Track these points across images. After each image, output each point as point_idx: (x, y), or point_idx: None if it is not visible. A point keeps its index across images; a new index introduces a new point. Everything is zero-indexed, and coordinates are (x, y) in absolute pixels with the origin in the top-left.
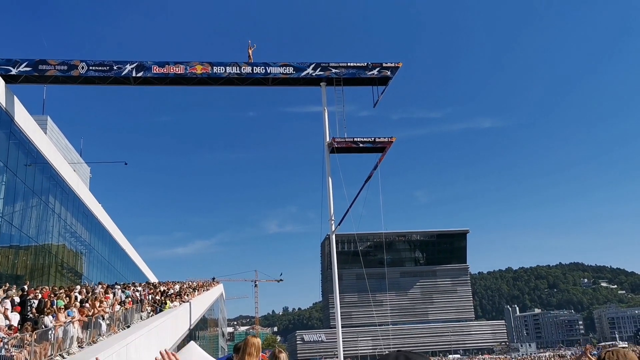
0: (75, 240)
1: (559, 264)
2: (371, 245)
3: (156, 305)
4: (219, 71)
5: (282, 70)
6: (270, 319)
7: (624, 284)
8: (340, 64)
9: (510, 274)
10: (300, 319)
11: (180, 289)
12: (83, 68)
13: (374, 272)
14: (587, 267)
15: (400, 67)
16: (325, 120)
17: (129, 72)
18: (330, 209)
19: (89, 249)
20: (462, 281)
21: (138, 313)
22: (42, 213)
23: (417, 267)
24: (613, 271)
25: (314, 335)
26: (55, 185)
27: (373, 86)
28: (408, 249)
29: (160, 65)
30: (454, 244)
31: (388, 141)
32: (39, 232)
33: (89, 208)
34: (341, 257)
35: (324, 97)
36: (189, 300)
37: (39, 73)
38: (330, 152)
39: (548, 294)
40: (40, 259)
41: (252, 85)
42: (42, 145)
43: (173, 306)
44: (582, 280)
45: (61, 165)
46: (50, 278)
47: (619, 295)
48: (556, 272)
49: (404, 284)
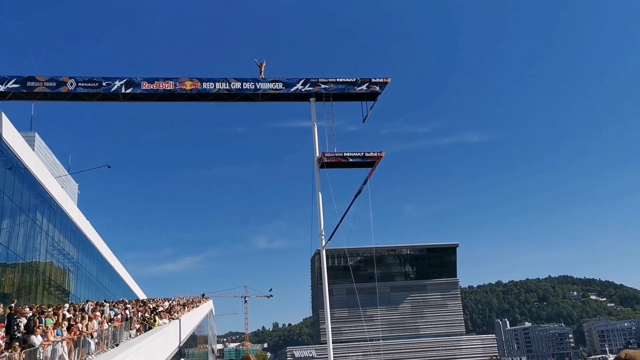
0: (63, 258)
1: (549, 277)
2: (361, 260)
3: (145, 323)
4: (209, 87)
5: (271, 86)
6: (260, 335)
7: (613, 296)
8: (329, 79)
9: (500, 288)
10: (290, 335)
11: (170, 306)
12: (72, 84)
13: (365, 287)
14: (576, 280)
15: (389, 82)
16: (315, 135)
17: (118, 89)
18: (320, 224)
19: (76, 266)
20: (453, 295)
21: (127, 331)
22: (30, 230)
23: (407, 281)
24: (602, 284)
25: (304, 351)
26: (43, 202)
27: (362, 101)
28: (398, 263)
29: (149, 82)
30: (443, 258)
31: (377, 156)
32: (26, 250)
33: (76, 225)
34: (331, 272)
35: (314, 112)
36: (179, 317)
37: (27, 90)
38: (320, 167)
39: (538, 307)
40: (28, 277)
41: (241, 100)
42: (29, 162)
43: (162, 323)
44: (571, 293)
45: (49, 181)
46: (38, 296)
47: (608, 308)
48: (546, 285)
49: (395, 298)
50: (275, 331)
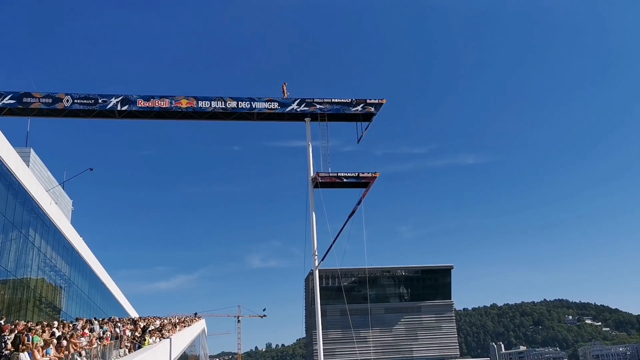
0: (55, 274)
1: (544, 301)
2: (355, 281)
3: (135, 342)
4: (204, 105)
5: (267, 105)
6: (253, 355)
7: (608, 320)
8: (324, 99)
9: (495, 311)
10: (283, 356)
11: (161, 325)
12: (68, 101)
13: (358, 308)
14: (571, 303)
15: (384, 103)
16: (310, 155)
17: (114, 106)
18: (313, 243)
19: (68, 283)
20: (447, 317)
21: (117, 350)
22: (22, 246)
23: (401, 302)
24: (597, 308)
25: None
26: (36, 218)
27: (357, 122)
28: (392, 284)
29: (145, 99)
30: (438, 279)
31: (372, 176)
32: (17, 266)
33: (69, 241)
34: (325, 292)
35: (309, 132)
36: (169, 337)
37: (23, 106)
38: (314, 186)
39: (533, 331)
40: (19, 293)
41: (237, 119)
42: (23, 178)
43: (152, 342)
44: (566, 317)
45: (42, 197)
46: (28, 313)
47: (603, 333)
48: (541, 308)
49: (389, 320)
50: (268, 352)
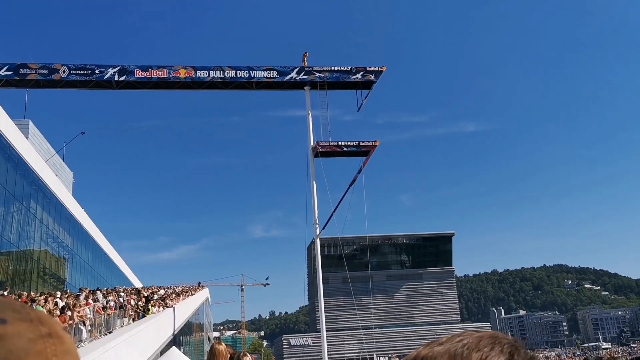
0: (58, 246)
1: (543, 266)
2: (357, 249)
3: (139, 311)
4: (203, 75)
5: (266, 74)
6: (257, 323)
7: (607, 285)
8: (324, 67)
9: (496, 277)
10: (287, 323)
11: (165, 294)
12: (64, 72)
13: (360, 276)
14: (570, 268)
15: (384, 71)
16: (310, 124)
17: (111, 76)
18: (314, 212)
19: (71, 255)
20: (448, 284)
21: (120, 319)
22: (24, 218)
23: (403, 270)
24: (596, 273)
25: (300, 339)
26: (37, 190)
27: (357, 90)
28: (394, 252)
29: (143, 70)
30: (439, 247)
31: (372, 145)
32: (20, 238)
33: (71, 213)
34: (327, 260)
35: (308, 101)
36: (173, 306)
37: (19, 77)
38: (314, 156)
39: (533, 296)
40: (22, 265)
41: (235, 89)
42: (23, 150)
43: (156, 312)
44: (566, 282)
45: (43, 170)
46: (32, 284)
47: (602, 297)
48: (540, 274)
49: (390, 287)
50: (271, 319)
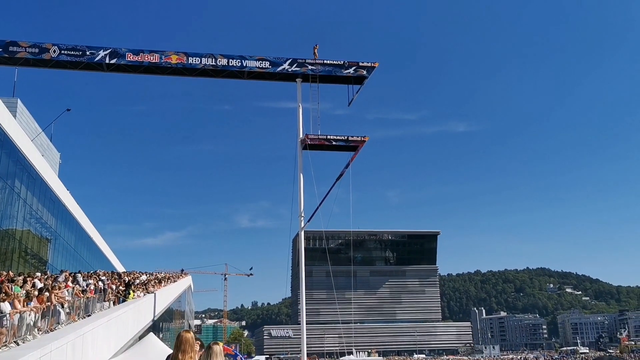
0: (41, 227)
1: (526, 269)
2: (342, 243)
3: (119, 296)
4: (194, 62)
5: (258, 64)
6: (239, 313)
7: (588, 290)
8: (316, 60)
9: (479, 277)
10: (269, 314)
11: (147, 280)
12: (55, 52)
13: (344, 270)
14: (553, 272)
15: (376, 67)
16: (300, 116)
17: (102, 59)
18: (300, 205)
19: (54, 236)
20: (431, 282)
21: (100, 303)
22: (7, 197)
23: (387, 266)
24: (578, 278)
25: (281, 330)
26: (22, 170)
27: (349, 85)
28: (379, 248)
29: (134, 53)
30: (424, 245)
31: (361, 140)
32: (2, 217)
33: (56, 194)
34: (311, 253)
35: (299, 93)
36: (154, 291)
37: (8, 55)
38: (303, 148)
39: (514, 298)
40: (4, 244)
41: (227, 77)
42: (9, 128)
43: (137, 297)
44: (548, 285)
45: (29, 149)
46: (14, 263)
47: (583, 302)
48: (523, 276)
49: (373, 282)
50: (254, 310)
